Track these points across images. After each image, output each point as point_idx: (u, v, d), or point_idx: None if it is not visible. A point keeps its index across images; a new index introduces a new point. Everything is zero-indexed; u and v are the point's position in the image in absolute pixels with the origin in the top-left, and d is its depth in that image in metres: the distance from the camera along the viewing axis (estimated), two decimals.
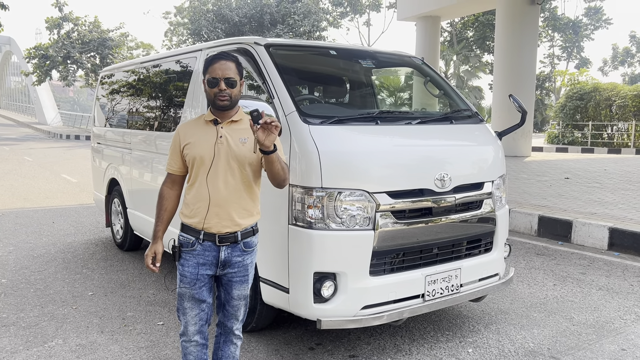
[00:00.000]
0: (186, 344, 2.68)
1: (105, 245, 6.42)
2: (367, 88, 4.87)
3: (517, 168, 13.09)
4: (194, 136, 2.61)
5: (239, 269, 2.64)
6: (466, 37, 37.88)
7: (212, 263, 2.59)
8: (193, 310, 2.63)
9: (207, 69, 2.59)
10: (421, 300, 3.32)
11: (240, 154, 2.56)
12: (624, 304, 4.41)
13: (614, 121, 22.71)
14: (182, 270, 2.60)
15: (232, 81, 2.55)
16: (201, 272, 2.59)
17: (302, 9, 29.87)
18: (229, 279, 2.65)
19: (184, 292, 2.61)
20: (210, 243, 2.57)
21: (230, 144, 2.56)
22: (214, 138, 2.57)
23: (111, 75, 6.48)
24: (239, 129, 2.61)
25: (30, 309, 4.29)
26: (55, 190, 11.05)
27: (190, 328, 2.65)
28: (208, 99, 2.63)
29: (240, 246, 2.62)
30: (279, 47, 3.81)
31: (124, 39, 36.29)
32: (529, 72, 16.34)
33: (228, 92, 2.54)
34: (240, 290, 2.68)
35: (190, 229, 2.60)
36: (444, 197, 3.38)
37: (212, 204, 2.55)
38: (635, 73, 56.27)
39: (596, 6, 45.19)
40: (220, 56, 2.59)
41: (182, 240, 2.62)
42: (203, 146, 2.57)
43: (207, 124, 2.62)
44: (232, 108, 2.62)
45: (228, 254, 2.59)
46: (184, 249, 2.60)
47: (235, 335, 2.77)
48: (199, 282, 2.60)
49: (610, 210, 7.22)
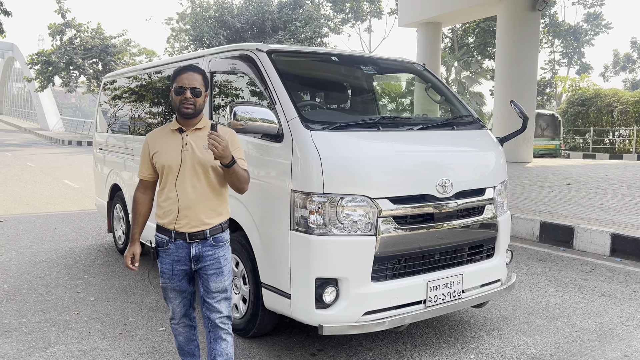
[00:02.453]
0: (176, 325, 2.99)
1: (107, 251, 6.43)
2: (369, 94, 4.88)
3: (518, 174, 13.08)
4: (161, 145, 2.83)
5: (212, 262, 2.82)
6: (467, 43, 37.95)
7: (185, 259, 2.82)
8: (177, 299, 2.92)
9: (175, 78, 2.79)
10: (423, 306, 3.31)
11: (204, 160, 2.77)
12: (627, 310, 4.40)
13: (616, 127, 22.72)
14: (161, 267, 2.88)
15: (198, 91, 2.76)
16: (177, 268, 2.84)
17: (304, 15, 29.95)
18: (205, 272, 2.83)
19: (166, 285, 2.89)
20: (181, 241, 2.80)
21: (195, 150, 2.77)
22: (179, 146, 2.79)
23: (113, 81, 6.50)
24: (202, 136, 2.79)
25: (32, 314, 4.30)
26: (57, 196, 11.06)
27: (177, 313, 2.95)
28: (174, 107, 2.81)
29: (210, 241, 2.82)
30: (281, 54, 3.83)
31: (126, 45, 36.41)
32: (530, 78, 16.35)
33: (193, 100, 2.75)
34: (216, 283, 2.83)
35: (163, 229, 2.84)
36: (445, 202, 3.39)
37: (181, 207, 2.77)
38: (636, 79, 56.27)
39: (595, 12, 45.27)
40: (188, 68, 2.82)
41: (158, 240, 2.87)
42: (170, 154, 2.79)
43: (173, 132, 2.84)
44: (196, 116, 2.82)
45: (199, 249, 2.80)
46: (160, 248, 2.86)
47: (223, 330, 2.86)
48: (176, 276, 2.85)
49: (612, 216, 7.21)
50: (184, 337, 3.01)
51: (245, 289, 3.68)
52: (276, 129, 3.26)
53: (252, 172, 3.54)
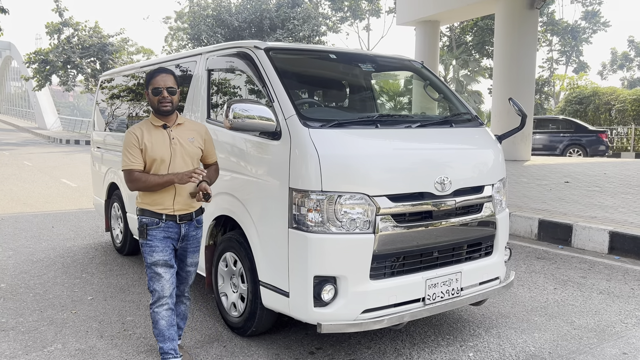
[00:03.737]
0: (159, 309, 3.15)
1: (104, 250, 6.41)
2: (367, 92, 4.87)
3: (516, 172, 13.09)
4: (149, 140, 3.10)
5: (193, 241, 3.30)
6: (465, 41, 37.95)
7: (175, 237, 3.19)
8: (167, 274, 3.14)
9: (150, 81, 3.13)
10: (422, 304, 3.31)
11: (192, 151, 3.18)
12: (625, 307, 4.40)
13: (614, 125, 22.74)
14: (153, 243, 3.13)
15: (173, 90, 3.12)
16: (168, 243, 3.17)
17: (302, 13, 29.90)
18: (185, 249, 3.27)
19: (158, 260, 3.12)
20: (171, 222, 3.16)
21: (183, 143, 3.15)
22: (167, 140, 3.13)
23: (111, 79, 6.48)
24: (185, 130, 3.21)
25: (29, 313, 4.28)
26: (55, 194, 11.04)
27: (166, 292, 3.14)
28: (152, 107, 3.16)
29: (194, 223, 3.27)
30: (279, 51, 3.81)
31: (124, 44, 36.32)
32: (529, 76, 16.35)
33: (170, 98, 3.10)
34: (192, 258, 3.34)
35: (153, 212, 3.13)
36: (444, 200, 3.38)
37: (177, 195, 3.14)
38: (634, 77, 56.35)
39: (594, 10, 45.30)
40: (160, 70, 3.17)
41: (147, 221, 3.15)
42: (160, 148, 3.10)
43: (157, 128, 3.15)
44: (173, 113, 3.17)
45: (186, 229, 3.22)
46: (150, 227, 3.13)
47: (185, 297, 3.45)
48: (168, 249, 3.16)
49: (610, 214, 7.21)
50: (166, 321, 3.17)
51: (243, 287, 3.67)
52: (274, 126, 3.25)
53: (250, 170, 3.54)
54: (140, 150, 3.07)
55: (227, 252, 3.84)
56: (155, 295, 3.15)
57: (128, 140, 3.10)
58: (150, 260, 3.13)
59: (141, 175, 3.07)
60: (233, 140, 3.73)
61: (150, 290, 3.16)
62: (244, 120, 3.16)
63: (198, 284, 4.97)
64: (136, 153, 3.07)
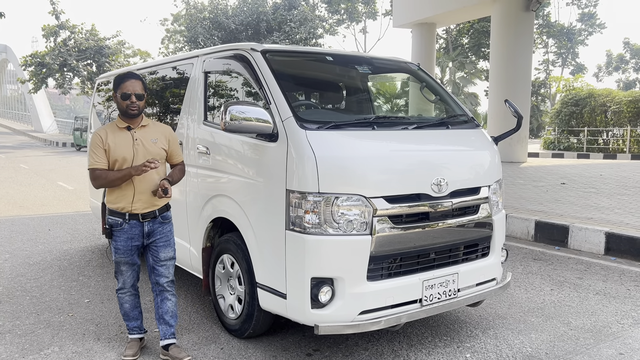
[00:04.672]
0: (123, 294, 3.46)
1: (101, 253, 6.39)
2: (364, 93, 4.88)
3: (513, 173, 13.13)
4: (112, 140, 3.25)
5: (162, 236, 3.40)
6: (462, 44, 38.08)
7: (139, 236, 3.33)
8: (128, 272, 3.42)
9: (119, 86, 3.26)
10: (419, 305, 3.31)
11: (154, 152, 3.31)
12: (621, 308, 4.41)
13: (609, 127, 22.83)
14: (116, 245, 3.34)
15: (140, 95, 3.27)
16: (131, 244, 3.33)
17: (299, 16, 29.93)
18: (155, 244, 3.38)
19: (120, 260, 3.36)
20: (135, 221, 3.30)
21: (145, 144, 3.29)
22: (130, 141, 3.27)
23: (107, 82, 6.48)
24: (148, 131, 3.35)
25: (26, 316, 4.27)
26: (51, 197, 11.01)
27: (127, 283, 3.44)
28: (120, 110, 3.31)
29: (159, 219, 3.38)
30: (276, 53, 3.82)
31: (120, 46, 36.27)
32: (524, 78, 16.43)
33: (137, 103, 3.25)
34: (165, 253, 3.42)
35: (116, 212, 3.29)
36: (440, 201, 3.38)
37: (136, 193, 3.26)
38: (629, 79, 56.60)
39: (589, 12, 45.51)
40: (129, 76, 3.30)
41: (112, 222, 3.31)
42: (123, 148, 3.24)
43: (121, 130, 3.30)
44: (139, 116, 3.32)
45: (150, 226, 3.35)
46: (114, 229, 3.31)
47: (169, 292, 3.47)
48: (130, 251, 3.35)
49: (606, 215, 7.24)
50: (129, 305, 3.48)
51: (240, 289, 3.67)
52: (271, 128, 3.26)
53: (246, 172, 3.54)
54: (104, 150, 3.23)
55: (224, 254, 3.84)
56: (119, 284, 3.46)
57: (93, 141, 3.26)
58: (114, 257, 3.39)
59: (101, 173, 3.23)
60: (230, 142, 3.74)
61: (116, 278, 3.49)
62: (240, 122, 3.17)
63: (195, 286, 4.97)
64: (100, 153, 3.23)
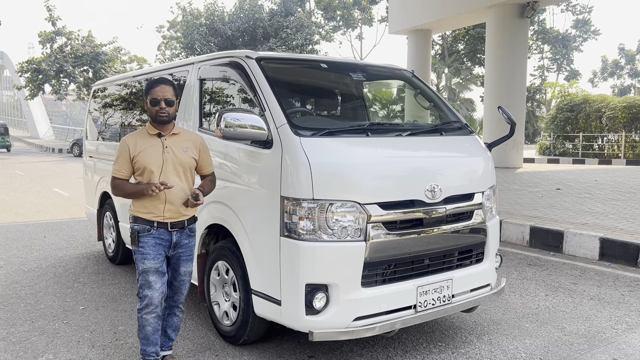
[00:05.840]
0: (147, 316, 3.16)
1: (97, 259, 6.39)
2: (358, 100, 4.90)
3: (508, 179, 13.17)
4: (142, 147, 3.16)
5: (186, 249, 3.30)
6: (457, 50, 38.25)
7: (166, 244, 3.21)
8: (157, 283, 3.15)
9: (149, 91, 3.18)
10: (413, 311, 3.32)
11: (184, 160, 3.22)
12: (615, 313, 4.43)
13: (604, 132, 22.94)
14: (145, 250, 3.15)
15: (170, 101, 3.17)
16: (159, 250, 3.18)
17: (295, 22, 30.05)
18: (178, 257, 3.28)
19: (149, 267, 3.13)
20: (163, 230, 3.18)
21: (175, 152, 3.19)
22: (160, 148, 3.18)
23: (103, 89, 6.49)
24: (179, 140, 3.25)
25: (20, 323, 4.26)
26: (47, 204, 10.99)
27: (155, 300, 3.14)
28: (150, 116, 3.21)
29: (186, 231, 3.28)
30: (270, 61, 3.84)
31: (117, 53, 36.30)
32: (520, 84, 16.52)
33: (167, 109, 3.16)
34: (186, 267, 3.33)
35: (144, 220, 3.16)
36: (434, 208, 3.40)
37: (167, 202, 3.15)
38: (624, 85, 56.96)
39: (584, 18, 45.83)
40: (160, 81, 3.22)
41: (138, 228, 3.17)
42: (152, 156, 3.15)
43: (152, 136, 3.21)
44: (170, 122, 3.23)
45: (178, 237, 3.23)
46: (141, 234, 3.16)
47: (179, 308, 3.42)
48: (160, 256, 3.18)
49: (601, 221, 7.27)
50: (152, 327, 3.19)
51: (235, 295, 3.67)
52: (265, 135, 3.27)
53: (242, 179, 3.56)
54: (129, 160, 3.16)
55: (219, 260, 3.84)
56: (144, 301, 3.15)
57: (121, 148, 3.20)
58: (142, 268, 3.15)
59: (120, 183, 3.19)
60: (225, 149, 3.75)
61: (140, 297, 3.17)
62: (235, 129, 3.19)
63: (190, 293, 4.96)
64: (124, 162, 3.17)
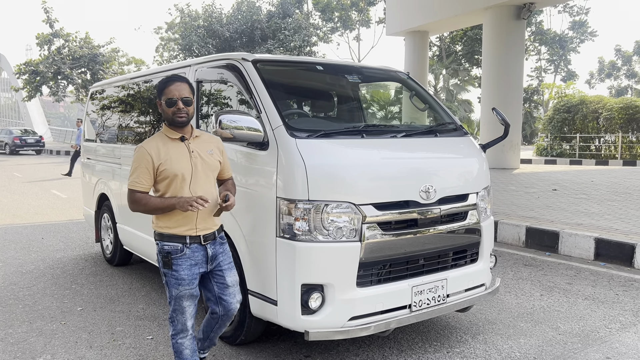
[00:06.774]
0: (183, 340, 2.92)
1: (94, 261, 6.41)
2: (354, 102, 4.94)
3: (505, 180, 13.22)
4: (167, 154, 2.82)
5: (225, 257, 3.02)
6: (455, 51, 38.34)
7: (202, 261, 2.90)
8: (190, 307, 2.90)
9: (163, 91, 2.84)
10: (408, 310, 3.35)
11: (213, 165, 2.95)
12: (609, 313, 4.47)
13: (601, 133, 23.02)
14: (179, 275, 2.83)
15: (188, 100, 2.84)
16: (195, 272, 2.88)
17: (293, 24, 30.09)
18: (220, 268, 2.98)
19: (184, 293, 2.85)
20: (196, 245, 2.86)
21: (203, 157, 2.90)
22: (187, 154, 2.86)
23: (102, 90, 6.52)
24: (202, 142, 2.95)
25: (18, 324, 4.28)
26: (45, 206, 11.00)
27: (188, 324, 2.91)
28: (166, 118, 2.88)
29: (218, 240, 3.00)
30: (267, 63, 3.88)
31: (114, 54, 36.33)
32: (516, 85, 16.57)
33: (185, 109, 2.83)
34: (232, 277, 3.03)
35: (175, 236, 2.84)
36: (429, 208, 3.44)
37: (200, 213, 2.84)
38: (621, 86, 57.13)
39: (581, 20, 45.98)
40: (174, 78, 2.87)
41: (169, 248, 2.84)
42: (181, 163, 2.82)
43: (174, 141, 2.87)
44: (188, 124, 2.90)
45: (213, 248, 2.95)
46: (173, 256, 2.83)
47: (231, 318, 3.12)
48: (195, 280, 2.89)
49: (596, 221, 7.31)
50: (190, 350, 2.94)
51: None
52: (261, 137, 3.30)
53: (238, 180, 3.58)
54: (153, 169, 2.79)
55: None
56: (177, 327, 2.91)
57: (140, 157, 2.80)
58: (175, 293, 2.85)
59: (142, 197, 2.79)
60: None
61: (172, 321, 2.92)
62: (232, 131, 3.21)
63: None
64: (144, 173, 2.78)
